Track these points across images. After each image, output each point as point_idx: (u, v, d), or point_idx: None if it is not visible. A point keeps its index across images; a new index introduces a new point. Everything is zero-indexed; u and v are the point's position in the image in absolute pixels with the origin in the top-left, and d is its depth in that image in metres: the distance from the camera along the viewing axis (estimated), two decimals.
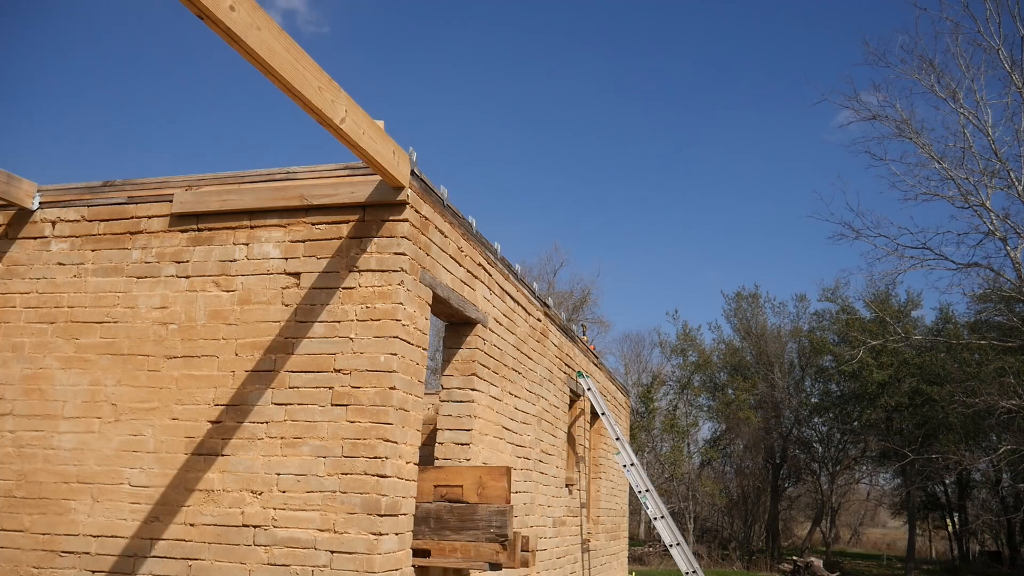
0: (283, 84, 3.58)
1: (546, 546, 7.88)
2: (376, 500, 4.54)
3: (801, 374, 35.71)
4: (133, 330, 5.25)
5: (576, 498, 9.45)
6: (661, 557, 29.05)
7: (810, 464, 36.26)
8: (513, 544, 5.00)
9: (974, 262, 16.86)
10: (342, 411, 4.72)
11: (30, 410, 5.31)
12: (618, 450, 9.77)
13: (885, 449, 30.82)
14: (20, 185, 5.61)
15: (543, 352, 8.00)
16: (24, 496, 5.17)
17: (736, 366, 37.08)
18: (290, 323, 4.95)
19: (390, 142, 4.61)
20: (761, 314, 37.61)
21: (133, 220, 5.47)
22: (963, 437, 26.31)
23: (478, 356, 6.05)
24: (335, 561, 4.52)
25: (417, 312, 5.00)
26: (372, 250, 4.89)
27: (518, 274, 7.19)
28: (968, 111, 16.06)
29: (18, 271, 5.61)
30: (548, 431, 8.06)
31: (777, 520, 36.16)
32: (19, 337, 5.47)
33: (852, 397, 31.80)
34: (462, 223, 5.81)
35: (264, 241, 5.15)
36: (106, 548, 4.94)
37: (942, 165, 16.32)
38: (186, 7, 3.02)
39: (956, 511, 35.98)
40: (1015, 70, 15.60)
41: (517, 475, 6.81)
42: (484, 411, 6.17)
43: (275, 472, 4.75)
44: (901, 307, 31.00)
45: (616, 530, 12.79)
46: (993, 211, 15.98)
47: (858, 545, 49.87)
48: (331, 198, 5.01)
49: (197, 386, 5.03)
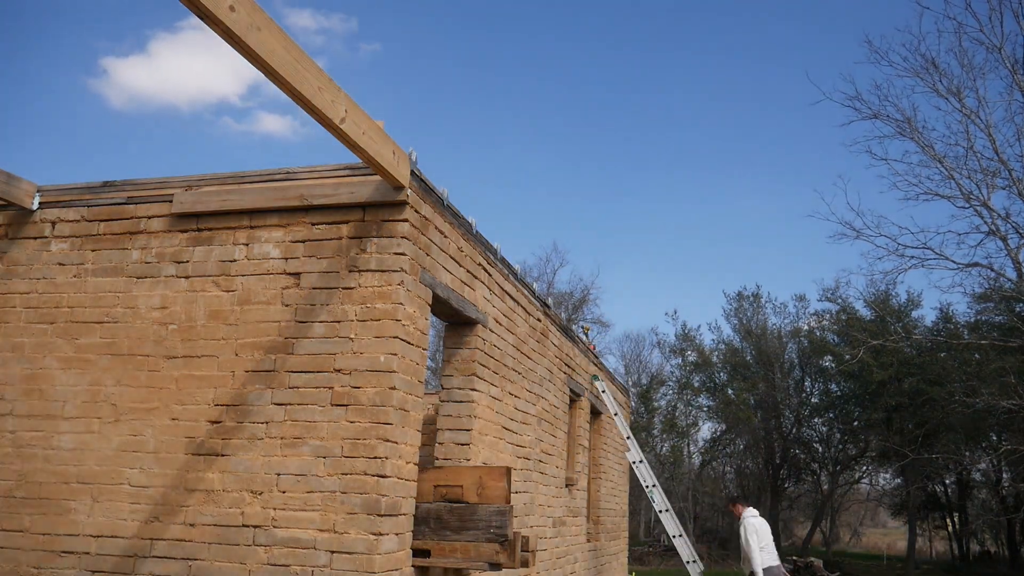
0: (283, 84, 3.58)
1: (546, 546, 7.87)
2: (376, 500, 4.54)
3: (801, 374, 35.69)
4: (133, 330, 5.25)
5: (576, 498, 9.45)
6: (661, 557, 29.06)
7: (810, 464, 36.25)
8: (513, 544, 5.00)
9: (975, 262, 16.84)
10: (342, 411, 4.72)
11: (30, 410, 5.31)
12: (628, 448, 10.68)
13: (885, 449, 30.79)
14: (20, 185, 5.61)
15: (543, 352, 8.00)
16: (24, 496, 5.17)
17: (736, 366, 37.07)
18: (290, 323, 4.95)
19: (390, 142, 4.61)
20: (762, 314, 37.62)
21: (133, 220, 5.47)
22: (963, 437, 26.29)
23: (478, 356, 6.05)
24: (335, 561, 4.52)
25: (417, 312, 5.00)
26: (372, 250, 4.89)
27: (518, 274, 7.19)
28: (970, 110, 16.05)
29: (18, 271, 5.61)
30: (548, 431, 8.06)
31: (777, 520, 36.14)
32: (19, 337, 5.47)
33: (852, 397, 31.78)
34: (462, 223, 5.81)
35: (264, 241, 5.15)
36: (106, 548, 4.94)
37: (943, 164, 16.31)
38: (186, 7, 3.02)
39: (956, 511, 35.97)
40: (1017, 69, 15.59)
41: (517, 475, 6.81)
42: (484, 411, 6.17)
43: (275, 472, 4.75)
44: (901, 307, 30.97)
45: (616, 530, 12.78)
46: (994, 211, 15.97)
47: (858, 545, 49.85)
48: (331, 198, 5.01)
49: (197, 386, 5.03)
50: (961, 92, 16.15)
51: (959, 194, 16.26)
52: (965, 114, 16.09)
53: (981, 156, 16.21)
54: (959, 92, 16.17)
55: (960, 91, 16.17)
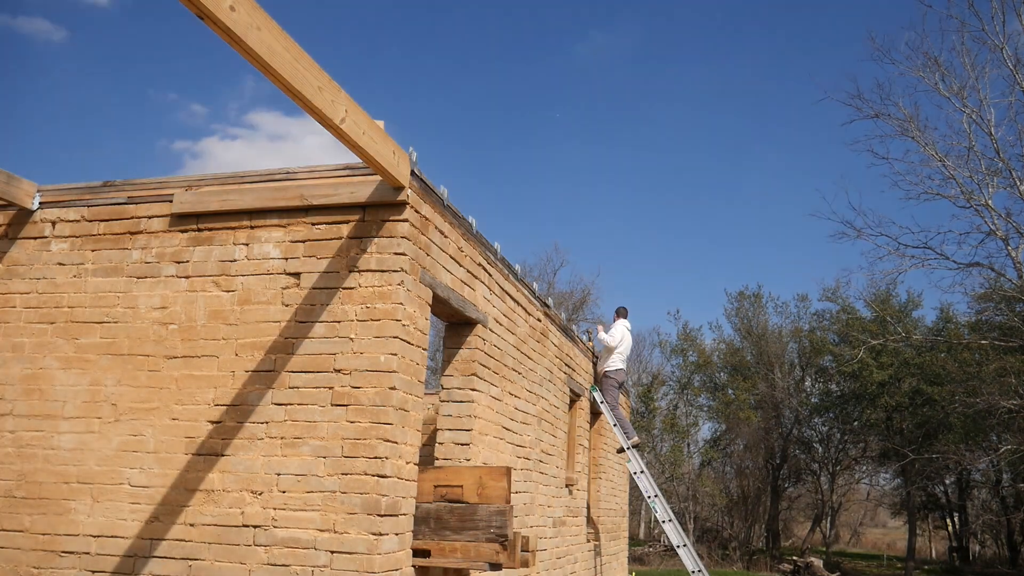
0: (283, 84, 3.58)
1: (546, 546, 7.87)
2: (376, 500, 4.54)
3: (801, 374, 35.69)
4: (133, 330, 5.25)
5: (576, 498, 9.45)
6: (661, 557, 29.05)
7: (810, 464, 36.24)
8: (513, 544, 5.00)
9: (975, 262, 16.82)
10: (342, 411, 4.72)
11: (30, 410, 5.31)
12: (629, 459, 10.25)
13: (885, 449, 30.80)
14: (20, 185, 5.61)
15: (543, 352, 8.00)
16: (24, 496, 5.17)
17: (736, 366, 37.06)
18: (290, 323, 4.95)
19: (390, 142, 4.61)
20: (763, 314, 37.60)
21: (133, 220, 5.47)
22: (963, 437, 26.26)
23: (478, 356, 6.05)
24: (335, 561, 4.52)
25: (417, 312, 5.00)
26: (372, 250, 4.89)
27: (518, 274, 7.19)
28: (972, 110, 16.04)
29: (18, 271, 5.61)
30: (548, 431, 8.06)
31: (777, 520, 36.14)
32: (19, 337, 5.47)
33: (852, 397, 31.77)
34: (462, 223, 5.81)
35: (264, 241, 5.15)
36: (106, 548, 4.94)
37: (944, 164, 16.29)
38: (186, 7, 3.02)
39: (956, 511, 35.96)
40: (1019, 69, 15.58)
41: (517, 475, 6.81)
42: (484, 411, 6.17)
43: (275, 472, 4.74)
44: (902, 307, 30.96)
45: (616, 530, 12.78)
46: (995, 210, 15.95)
47: (858, 545, 49.86)
48: (331, 198, 5.01)
49: (197, 386, 5.02)
50: (963, 91, 16.14)
51: (960, 194, 16.26)
52: (967, 114, 16.08)
53: (982, 156, 16.21)
54: (961, 91, 16.16)
55: (962, 90, 16.16)
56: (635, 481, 10.40)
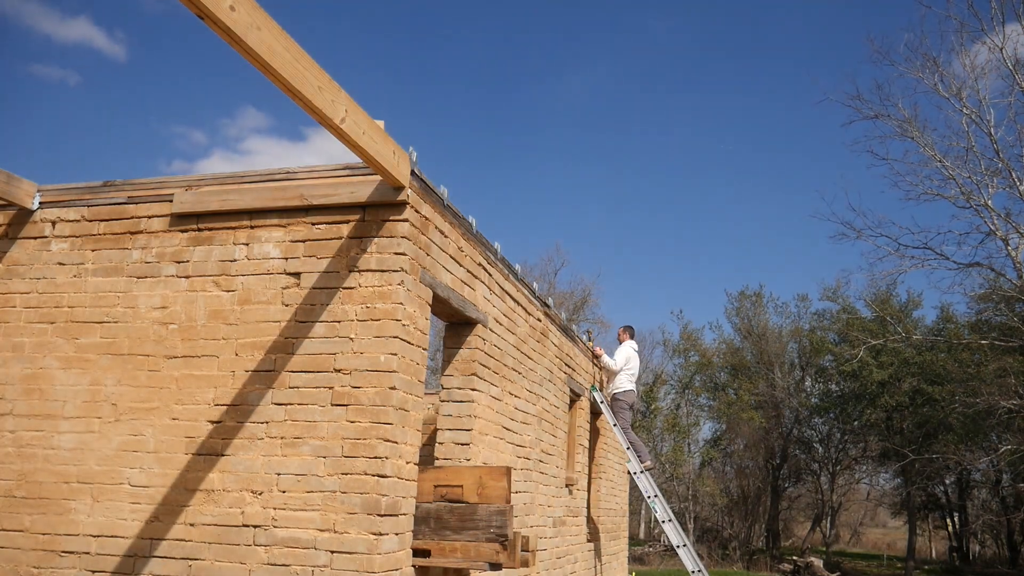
0: (283, 84, 3.58)
1: (546, 546, 7.87)
2: (376, 500, 4.54)
3: (801, 374, 35.71)
4: (133, 330, 5.25)
5: (576, 498, 9.45)
6: (661, 557, 29.05)
7: (810, 464, 36.25)
8: (513, 544, 5.00)
9: (975, 262, 16.83)
10: (342, 411, 4.71)
11: (30, 410, 5.31)
12: (628, 459, 10.27)
13: (885, 449, 30.82)
14: (20, 185, 5.61)
15: (543, 352, 8.00)
16: (24, 496, 5.17)
17: (737, 366, 37.08)
18: (290, 323, 4.95)
19: (390, 142, 4.61)
20: (763, 313, 37.61)
21: (133, 220, 5.47)
22: (963, 437, 26.27)
23: (478, 356, 6.05)
24: (335, 561, 4.52)
25: (417, 312, 5.00)
26: (372, 250, 4.89)
27: (518, 274, 7.19)
28: (971, 110, 16.04)
29: (18, 271, 5.61)
30: (548, 431, 8.06)
31: (777, 520, 36.15)
32: (19, 337, 5.47)
33: (852, 397, 31.78)
34: (462, 223, 5.81)
35: (264, 241, 5.15)
36: (106, 548, 4.94)
37: (944, 164, 16.29)
38: (186, 7, 3.02)
39: (956, 511, 35.97)
40: (1018, 70, 15.58)
41: (517, 475, 6.81)
42: (484, 411, 6.17)
43: (275, 472, 4.74)
44: (902, 307, 30.98)
45: (616, 530, 12.78)
46: (995, 211, 15.96)
47: (858, 545, 49.85)
48: (331, 198, 5.01)
49: (197, 386, 5.02)
50: (962, 92, 16.14)
51: (960, 194, 16.26)
52: (966, 114, 16.08)
53: (982, 156, 16.21)
54: (960, 92, 16.16)
55: (961, 91, 16.17)
56: (635, 481, 10.39)
